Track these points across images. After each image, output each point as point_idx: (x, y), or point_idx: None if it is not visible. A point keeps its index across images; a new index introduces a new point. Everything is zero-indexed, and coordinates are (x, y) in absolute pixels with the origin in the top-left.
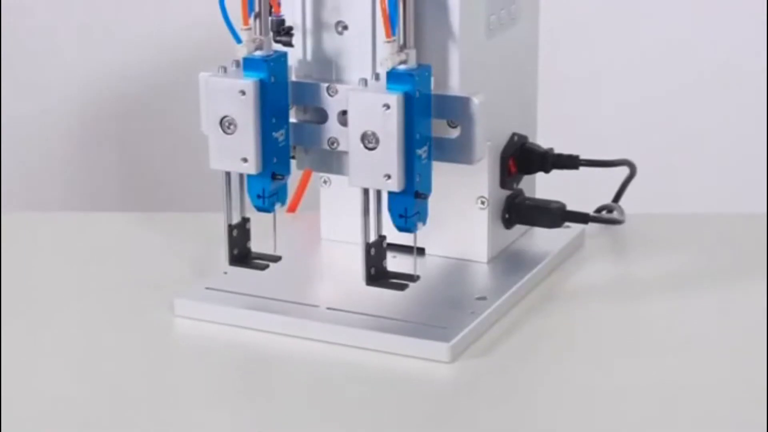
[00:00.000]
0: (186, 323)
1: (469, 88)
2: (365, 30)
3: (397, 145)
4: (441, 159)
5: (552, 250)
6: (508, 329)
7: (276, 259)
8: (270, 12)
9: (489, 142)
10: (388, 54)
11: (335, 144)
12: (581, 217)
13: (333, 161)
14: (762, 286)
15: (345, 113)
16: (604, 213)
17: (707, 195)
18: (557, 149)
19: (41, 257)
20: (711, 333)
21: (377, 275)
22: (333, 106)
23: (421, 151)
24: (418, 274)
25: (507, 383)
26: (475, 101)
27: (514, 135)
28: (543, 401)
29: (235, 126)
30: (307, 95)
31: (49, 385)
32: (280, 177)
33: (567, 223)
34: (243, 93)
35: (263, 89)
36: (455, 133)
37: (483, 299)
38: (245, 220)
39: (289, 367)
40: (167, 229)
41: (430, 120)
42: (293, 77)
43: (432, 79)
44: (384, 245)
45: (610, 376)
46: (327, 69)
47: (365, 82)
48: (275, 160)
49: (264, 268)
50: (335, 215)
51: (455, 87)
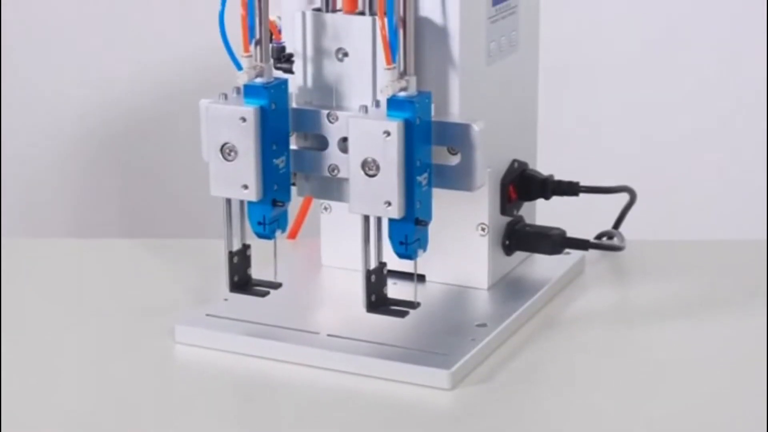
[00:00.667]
0: (186, 350)
1: (470, 114)
2: (365, 57)
3: (398, 172)
4: (441, 186)
5: (552, 276)
6: (508, 356)
7: (276, 286)
8: (270, 39)
9: (489, 168)
10: (388, 81)
11: (336, 171)
12: (581, 244)
13: (333, 188)
14: (762, 312)
15: (345, 140)
16: (604, 239)
17: (707, 221)
18: (557, 176)
19: (41, 283)
20: (712, 360)
21: (378, 302)
22: (333, 133)
23: (422, 178)
24: (418, 301)
25: (508, 410)
26: (476, 128)
27: (514, 162)
28: (544, 429)
29: (236, 153)
30: (308, 122)
31: (50, 411)
32: (280, 204)
33: (567, 250)
34: (243, 120)
35: (264, 116)
36: (455, 160)
37: (483, 326)
38: (246, 246)
39: (290, 394)
40: (168, 256)
41: (430, 147)
42: (294, 104)
43: (432, 106)
44: (384, 272)
45: (611, 403)
46: (327, 96)
47: (365, 109)
48: (276, 187)
49: (264, 294)
50: (336, 242)
51: (455, 114)
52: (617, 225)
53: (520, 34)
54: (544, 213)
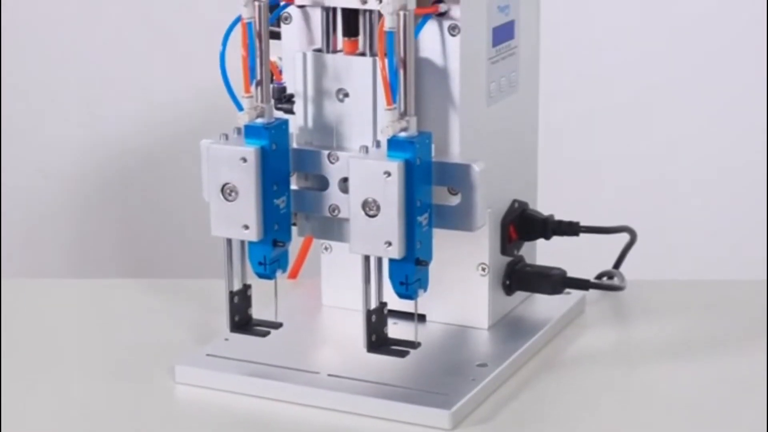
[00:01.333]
0: (187, 390)
1: (470, 155)
2: (366, 97)
3: (398, 213)
4: (442, 226)
5: (553, 316)
6: (509, 396)
7: (277, 326)
8: (271, 79)
9: (489, 209)
10: (388, 121)
11: (336, 211)
12: (582, 284)
13: (334, 228)
14: (762, 352)
15: (346, 180)
16: (604, 279)
17: (707, 262)
18: (557, 216)
19: (41, 324)
20: (712, 400)
21: (378, 342)
22: (334, 173)
23: (422, 218)
24: (419, 340)
25: None
26: (476, 168)
27: (514, 202)
28: None
29: (237, 193)
30: (308, 162)
31: None
32: (281, 244)
33: (568, 290)
34: (244, 160)
35: (264, 156)
36: (456, 200)
37: (484, 366)
38: (246, 286)
39: None
40: (168, 296)
41: (430, 187)
42: (294, 144)
43: (433, 147)
44: (385, 312)
45: None
46: (328, 136)
47: (366, 149)
48: (276, 227)
49: (265, 334)
50: (336, 282)
51: (456, 154)
52: (618, 265)
53: (520, 74)
54: (544, 253)
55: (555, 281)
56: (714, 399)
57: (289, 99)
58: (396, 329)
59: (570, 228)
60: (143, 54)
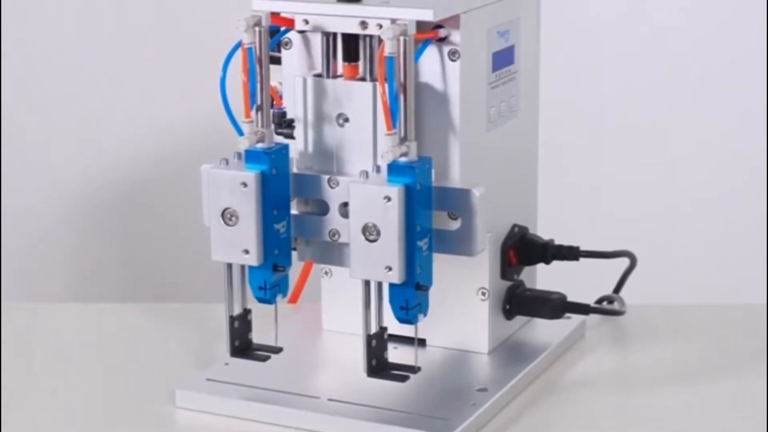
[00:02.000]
0: (187, 414)
1: (470, 180)
2: (366, 122)
3: (398, 237)
4: (442, 251)
5: (553, 341)
6: (509, 421)
7: (277, 351)
8: (272, 104)
9: (489, 233)
10: (389, 146)
11: (336, 236)
12: (582, 308)
13: (334, 253)
14: (763, 377)
15: (346, 205)
16: (604, 304)
17: (708, 286)
18: (557, 240)
19: (41, 348)
20: (713, 425)
21: (378, 367)
22: (334, 198)
23: (422, 243)
24: (419, 365)
25: None
26: (476, 193)
27: (514, 226)
28: None
29: (237, 218)
30: (309, 187)
31: None
32: (281, 268)
33: (568, 314)
34: (245, 185)
35: (265, 181)
36: (456, 225)
37: (484, 390)
38: (246, 311)
39: None
40: (168, 320)
41: (431, 212)
42: (294, 169)
43: (433, 171)
44: (385, 337)
45: None
46: (328, 161)
47: (366, 174)
48: (277, 251)
49: (265, 359)
50: (336, 306)
51: (456, 179)
52: (618, 289)
53: (520, 99)
54: (544, 277)
55: (555, 306)
56: (714, 424)
57: (290, 124)
58: (396, 354)
59: (570, 252)
60: (144, 79)
